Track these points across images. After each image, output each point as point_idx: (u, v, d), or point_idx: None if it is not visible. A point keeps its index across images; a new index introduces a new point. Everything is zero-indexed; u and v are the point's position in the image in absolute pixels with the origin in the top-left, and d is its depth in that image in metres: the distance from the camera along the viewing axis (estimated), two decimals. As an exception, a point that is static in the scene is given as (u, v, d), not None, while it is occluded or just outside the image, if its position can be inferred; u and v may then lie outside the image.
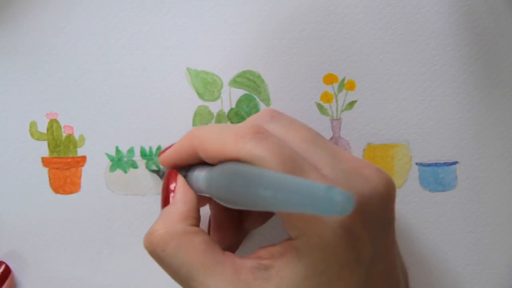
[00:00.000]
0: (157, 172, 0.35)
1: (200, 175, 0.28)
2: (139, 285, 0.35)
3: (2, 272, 0.34)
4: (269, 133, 0.26)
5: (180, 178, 0.29)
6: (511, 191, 0.35)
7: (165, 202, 0.29)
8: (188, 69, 0.35)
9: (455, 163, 0.35)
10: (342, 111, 0.35)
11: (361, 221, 0.25)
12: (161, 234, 0.26)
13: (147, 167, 0.35)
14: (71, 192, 0.35)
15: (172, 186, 0.29)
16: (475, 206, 0.35)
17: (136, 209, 0.35)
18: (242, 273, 0.25)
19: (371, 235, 0.25)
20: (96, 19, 0.35)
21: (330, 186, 0.20)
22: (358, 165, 0.27)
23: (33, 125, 0.35)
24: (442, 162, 0.35)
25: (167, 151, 0.30)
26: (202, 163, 0.28)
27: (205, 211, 0.32)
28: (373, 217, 0.26)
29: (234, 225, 0.32)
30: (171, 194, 0.29)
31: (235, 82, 0.35)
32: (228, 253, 0.27)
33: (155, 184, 0.35)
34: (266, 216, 0.33)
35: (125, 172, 0.35)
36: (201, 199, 0.29)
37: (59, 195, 0.35)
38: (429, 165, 0.35)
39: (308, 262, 0.25)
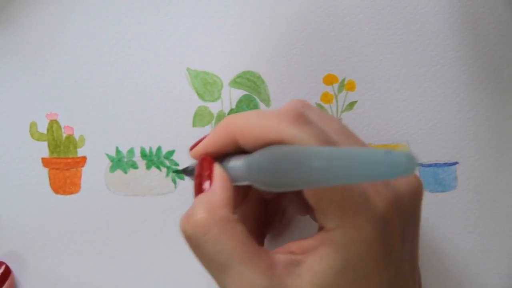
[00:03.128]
0: (184, 170, 0.32)
1: (236, 163, 0.27)
2: (139, 285, 0.35)
3: (2, 273, 0.34)
4: (310, 118, 0.26)
5: (216, 165, 0.28)
6: (511, 192, 0.35)
7: (199, 189, 0.27)
8: (188, 69, 0.35)
9: (455, 163, 0.35)
10: (342, 111, 0.35)
11: (395, 218, 0.25)
12: (203, 218, 0.26)
13: (168, 171, 0.35)
14: (71, 193, 0.35)
15: (206, 173, 0.28)
16: (475, 206, 0.35)
17: (136, 210, 0.35)
18: (277, 268, 0.25)
19: (403, 233, 0.25)
20: (96, 20, 0.35)
21: (388, 149, 0.19)
22: None
23: (33, 125, 0.35)
24: (442, 162, 0.35)
25: (201, 144, 0.29)
26: (235, 153, 0.28)
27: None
28: (404, 215, 0.26)
29: (259, 231, 0.32)
30: (207, 182, 0.28)
31: (235, 82, 0.35)
32: (262, 247, 0.26)
33: (156, 185, 0.35)
34: (285, 222, 0.33)
35: (125, 172, 0.35)
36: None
37: (59, 196, 0.35)
38: (429, 165, 0.35)
39: (345, 256, 0.24)
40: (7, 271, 0.34)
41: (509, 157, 0.35)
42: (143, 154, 0.35)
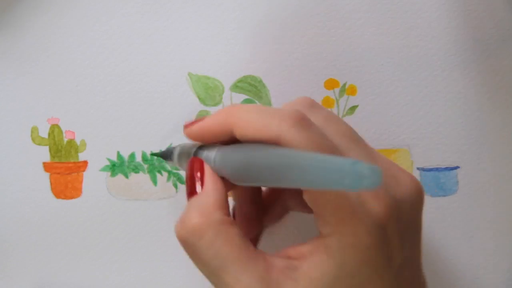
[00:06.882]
0: (162, 155, 0.32)
1: (211, 154, 0.27)
2: (140, 290, 0.35)
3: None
4: (312, 122, 0.26)
5: (207, 166, 0.28)
6: (512, 196, 0.35)
7: (192, 191, 0.27)
8: (189, 74, 0.35)
9: (456, 168, 0.35)
10: (343, 116, 0.35)
11: (394, 224, 0.24)
12: (198, 223, 0.25)
13: (147, 156, 0.35)
14: (72, 197, 0.35)
15: (198, 175, 0.28)
16: (476, 211, 0.35)
17: (138, 214, 0.35)
18: (274, 271, 0.25)
19: (402, 239, 0.25)
20: (98, 25, 0.35)
21: (356, 160, 0.19)
22: (393, 168, 0.27)
23: (34, 130, 0.35)
24: (443, 167, 0.35)
25: (197, 124, 0.28)
26: (216, 143, 0.28)
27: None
28: (404, 221, 0.25)
29: (257, 219, 0.31)
30: (198, 183, 0.27)
31: (236, 87, 0.35)
32: (259, 250, 0.26)
33: (157, 189, 0.35)
34: (283, 211, 0.32)
35: (127, 177, 0.35)
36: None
37: (60, 200, 0.35)
38: (430, 170, 0.35)
39: (340, 263, 0.24)
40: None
41: (510, 162, 0.35)
42: (144, 159, 0.35)
